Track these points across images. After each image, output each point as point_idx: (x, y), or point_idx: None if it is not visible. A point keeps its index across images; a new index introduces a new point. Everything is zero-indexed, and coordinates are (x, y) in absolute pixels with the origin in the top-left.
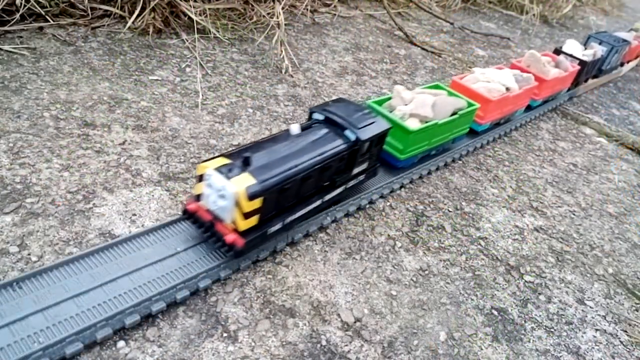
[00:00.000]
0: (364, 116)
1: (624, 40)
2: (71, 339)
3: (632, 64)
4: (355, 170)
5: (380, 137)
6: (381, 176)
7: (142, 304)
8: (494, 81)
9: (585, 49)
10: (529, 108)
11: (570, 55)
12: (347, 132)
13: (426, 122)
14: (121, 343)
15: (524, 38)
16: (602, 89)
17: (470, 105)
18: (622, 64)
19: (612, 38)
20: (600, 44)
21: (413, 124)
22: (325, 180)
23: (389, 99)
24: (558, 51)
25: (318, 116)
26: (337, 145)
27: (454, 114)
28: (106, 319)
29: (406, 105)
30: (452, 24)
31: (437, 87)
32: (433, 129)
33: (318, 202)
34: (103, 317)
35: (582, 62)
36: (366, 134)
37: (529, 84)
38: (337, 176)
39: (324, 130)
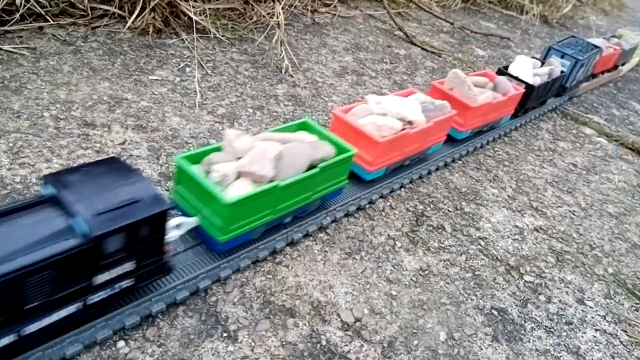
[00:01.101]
0: (122, 191)
1: (594, 48)
2: (71, 339)
3: (633, 63)
4: (102, 279)
5: (151, 223)
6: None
7: (142, 304)
8: (391, 113)
9: (543, 64)
10: (453, 141)
11: (515, 78)
12: (76, 222)
13: (270, 182)
14: (121, 343)
15: (524, 38)
16: (602, 89)
17: (342, 151)
18: (593, 76)
19: (578, 48)
20: (562, 57)
21: (239, 190)
22: (25, 303)
23: (216, 149)
24: (502, 71)
25: (47, 190)
26: (50, 244)
27: (313, 166)
28: (106, 319)
29: (239, 158)
30: (452, 24)
31: (304, 126)
32: (272, 194)
33: (8, 340)
34: (103, 318)
35: (528, 86)
36: (109, 223)
37: (443, 114)
38: (61, 291)
39: (38, 217)
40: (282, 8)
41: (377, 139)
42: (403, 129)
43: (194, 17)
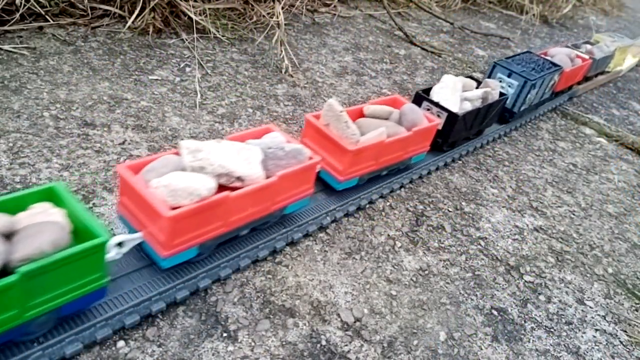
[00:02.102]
0: None
1: (552, 66)
2: (71, 339)
3: (633, 63)
4: None
5: None
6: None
7: (142, 304)
8: (212, 166)
9: (478, 85)
10: (331, 190)
11: (436, 104)
12: None
13: None
14: (121, 343)
15: (523, 38)
16: (602, 89)
17: (91, 236)
18: (554, 94)
19: (531, 65)
20: (509, 75)
21: None
22: None
23: None
24: (420, 96)
25: None
26: None
27: (9, 271)
28: (106, 319)
29: None
30: (452, 24)
31: (49, 194)
32: None
33: None
34: (103, 317)
35: (451, 115)
36: None
37: (297, 162)
38: None
39: None
40: (282, 8)
41: (164, 212)
42: (227, 187)
43: (194, 17)
